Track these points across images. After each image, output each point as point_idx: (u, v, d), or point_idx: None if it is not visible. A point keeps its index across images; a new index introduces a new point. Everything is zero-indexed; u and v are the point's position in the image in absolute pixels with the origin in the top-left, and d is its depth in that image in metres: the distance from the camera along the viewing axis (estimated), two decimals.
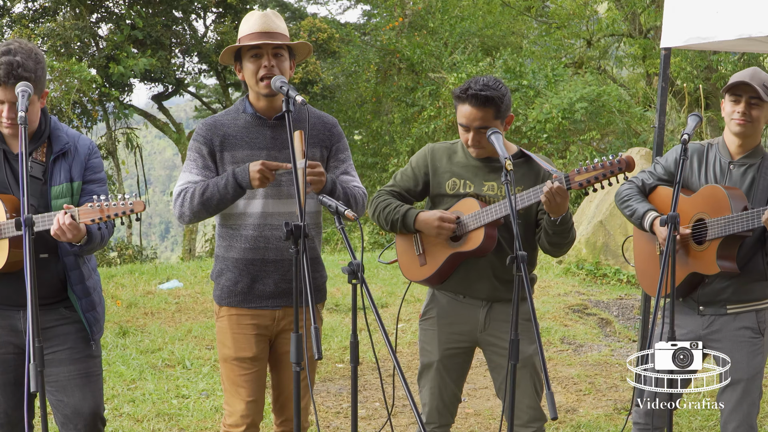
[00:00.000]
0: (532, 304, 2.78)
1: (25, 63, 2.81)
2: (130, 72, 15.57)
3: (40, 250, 2.93)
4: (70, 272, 3.01)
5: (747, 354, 3.27)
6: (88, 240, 2.90)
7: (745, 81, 3.22)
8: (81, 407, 3.05)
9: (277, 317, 3.19)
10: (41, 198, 2.95)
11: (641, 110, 13.45)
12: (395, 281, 8.63)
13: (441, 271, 3.29)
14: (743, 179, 3.30)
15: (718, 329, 3.31)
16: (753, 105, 3.24)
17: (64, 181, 2.98)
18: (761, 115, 3.26)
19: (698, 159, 3.40)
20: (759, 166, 3.30)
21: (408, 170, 3.42)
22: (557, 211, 3.03)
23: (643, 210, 3.40)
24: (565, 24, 17.27)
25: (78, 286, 3.03)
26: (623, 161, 2.90)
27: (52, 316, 3.02)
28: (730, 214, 3.16)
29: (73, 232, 2.78)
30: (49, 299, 3.00)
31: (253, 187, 3.01)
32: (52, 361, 3.00)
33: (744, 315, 3.30)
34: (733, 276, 3.25)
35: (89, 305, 3.07)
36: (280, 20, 3.15)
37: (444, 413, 3.40)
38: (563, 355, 6.26)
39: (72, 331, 3.06)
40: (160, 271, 9.27)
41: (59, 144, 3.01)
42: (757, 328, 3.30)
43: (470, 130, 3.18)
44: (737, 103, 3.26)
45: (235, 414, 3.17)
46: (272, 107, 3.16)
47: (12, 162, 2.97)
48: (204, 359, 5.90)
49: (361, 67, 18.13)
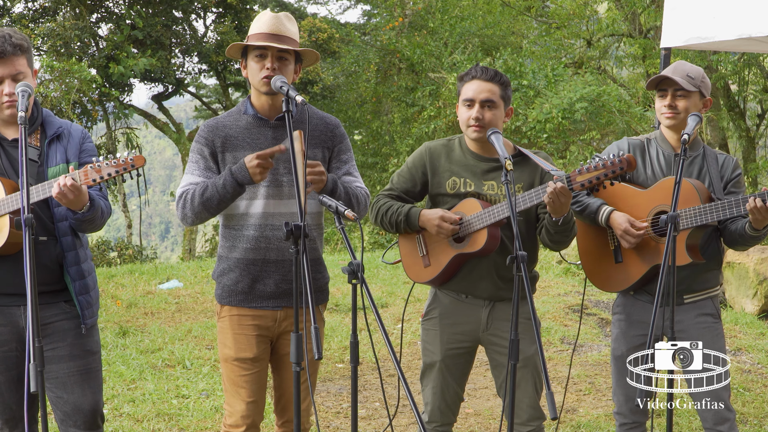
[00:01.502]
0: (533, 304, 2.79)
1: (14, 35, 2.90)
2: (130, 72, 15.58)
3: (39, 233, 2.95)
4: (66, 253, 3.02)
5: (711, 338, 3.34)
6: (90, 206, 2.91)
7: (666, 76, 3.32)
8: (81, 404, 3.06)
9: (278, 318, 3.19)
10: (38, 179, 2.97)
11: (641, 110, 13.44)
12: (395, 281, 8.64)
13: (445, 272, 3.30)
14: (690, 170, 3.37)
15: (680, 320, 3.34)
16: (679, 97, 3.33)
17: (60, 162, 3.02)
18: (689, 105, 3.34)
19: (640, 154, 3.45)
20: (702, 156, 3.39)
21: (405, 171, 3.42)
22: (559, 211, 3.03)
23: (596, 205, 3.41)
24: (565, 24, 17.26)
25: (73, 267, 3.04)
26: (624, 160, 2.90)
27: (52, 311, 3.03)
28: (699, 204, 3.19)
29: (75, 193, 2.79)
30: (47, 285, 3.00)
31: (255, 181, 3.00)
32: (52, 358, 3.01)
33: (701, 302, 3.39)
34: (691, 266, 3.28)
35: (83, 288, 3.07)
36: (292, 24, 3.15)
37: (446, 412, 3.41)
38: (563, 355, 6.26)
39: (72, 327, 3.07)
40: (160, 271, 9.27)
41: (52, 128, 3.07)
42: (716, 313, 3.42)
43: (474, 104, 3.18)
44: (664, 97, 3.37)
45: (236, 414, 3.17)
46: (273, 108, 3.16)
47: (7, 147, 3.01)
48: (204, 359, 5.90)
49: (361, 67, 18.13)
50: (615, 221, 3.34)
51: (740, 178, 3.39)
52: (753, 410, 5.09)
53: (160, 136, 20.13)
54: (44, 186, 2.86)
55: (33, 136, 3.03)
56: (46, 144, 3.03)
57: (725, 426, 3.33)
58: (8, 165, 2.99)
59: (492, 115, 3.19)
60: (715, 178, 3.34)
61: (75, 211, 2.92)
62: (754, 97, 16.68)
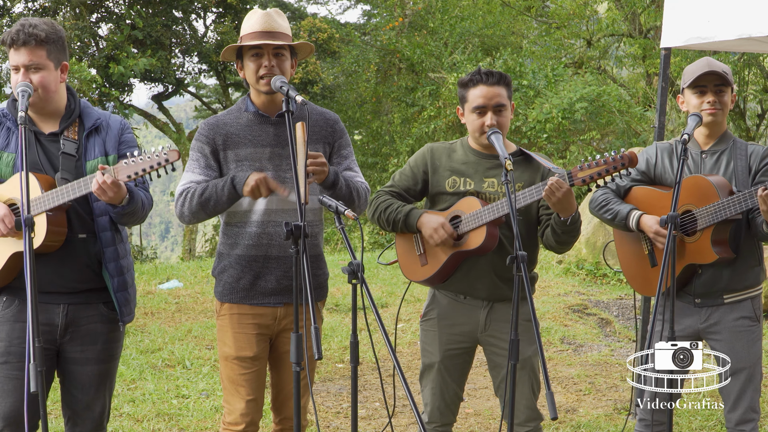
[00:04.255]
0: (533, 304, 2.78)
1: (38, 25, 2.87)
2: (130, 72, 15.58)
3: (78, 230, 2.94)
4: (105, 249, 2.98)
5: (747, 342, 3.31)
6: (130, 199, 2.89)
7: (707, 71, 3.29)
8: (93, 405, 3.06)
9: (278, 316, 3.19)
10: (76, 173, 2.93)
11: (641, 110, 13.45)
12: (395, 281, 8.64)
13: (442, 271, 3.29)
14: (717, 165, 3.34)
15: (717, 321, 3.33)
16: (720, 92, 3.31)
17: (98, 155, 2.99)
18: (728, 99, 3.33)
19: (668, 156, 3.44)
20: (731, 149, 3.35)
21: (407, 170, 3.42)
22: (566, 210, 3.02)
23: (626, 210, 3.40)
24: (565, 24, 17.26)
25: (112, 263, 3.00)
26: (626, 157, 2.91)
27: (89, 312, 3.00)
28: (718, 200, 3.18)
29: (114, 189, 2.77)
30: (87, 283, 2.97)
31: (243, 194, 3.01)
32: (79, 359, 3.00)
33: (740, 304, 3.34)
34: (728, 263, 3.27)
35: (121, 285, 3.03)
36: (282, 19, 3.15)
37: (446, 413, 3.40)
38: (563, 355, 6.26)
39: (105, 331, 3.04)
40: (160, 271, 9.28)
41: (90, 120, 3.03)
42: (754, 316, 3.36)
43: (487, 111, 3.18)
44: (704, 93, 3.32)
45: (235, 412, 3.17)
46: (273, 105, 3.17)
47: (43, 142, 2.96)
48: (204, 359, 5.90)
49: (361, 67, 18.13)
50: (645, 225, 3.33)
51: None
52: None
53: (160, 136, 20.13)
54: (80, 183, 2.82)
55: (71, 129, 2.99)
56: (84, 137, 2.99)
57: (748, 426, 3.31)
58: (45, 160, 2.94)
59: (504, 118, 3.21)
60: (741, 170, 3.30)
61: (115, 205, 2.89)
62: (754, 97, 16.69)
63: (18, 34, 2.84)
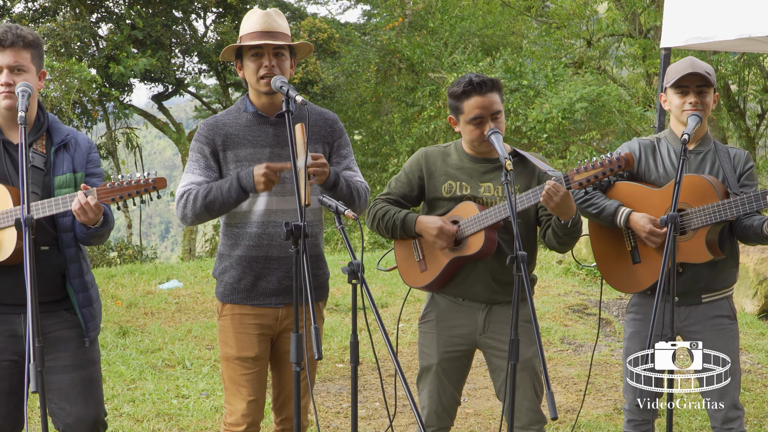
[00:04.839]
0: (533, 305, 2.78)
1: (24, 29, 2.89)
2: (130, 72, 15.57)
3: (41, 242, 2.90)
4: (69, 265, 2.97)
5: (726, 340, 3.34)
6: (103, 221, 2.89)
7: (690, 72, 3.28)
8: (84, 416, 3.00)
9: (280, 316, 3.19)
10: (44, 188, 2.93)
11: (641, 110, 13.44)
12: (395, 281, 8.63)
13: (442, 277, 3.28)
14: (702, 165, 3.35)
15: (696, 321, 3.35)
16: (702, 93, 3.31)
17: (67, 171, 2.97)
18: (710, 100, 3.33)
19: (651, 153, 3.43)
20: (714, 151, 3.36)
21: (402, 176, 3.40)
22: (565, 213, 3.01)
23: (613, 207, 3.38)
24: (565, 24, 17.25)
25: (76, 279, 2.99)
26: (622, 159, 2.90)
27: (52, 319, 2.96)
28: (717, 201, 3.18)
29: (95, 211, 2.77)
30: (48, 296, 2.94)
31: (258, 191, 3.02)
32: (54, 368, 2.94)
33: (717, 303, 3.37)
34: (709, 263, 3.27)
35: (86, 300, 3.02)
36: (281, 19, 3.16)
37: (443, 416, 3.39)
38: (563, 355, 6.26)
39: (73, 336, 3.01)
40: (160, 271, 9.27)
41: (60, 135, 3.02)
42: (732, 314, 3.40)
43: (486, 120, 3.16)
44: (686, 94, 3.31)
45: (236, 413, 3.17)
46: (273, 105, 3.17)
47: (11, 152, 2.95)
48: (204, 359, 5.90)
49: (361, 67, 18.12)
50: (637, 223, 3.31)
51: (752, 170, 3.37)
52: (753, 410, 5.09)
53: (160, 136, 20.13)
54: (58, 201, 2.80)
55: (38, 143, 2.97)
56: (53, 152, 2.98)
57: (734, 424, 3.33)
58: (12, 170, 2.92)
59: (501, 123, 3.18)
60: (729, 172, 3.31)
61: (89, 226, 2.87)
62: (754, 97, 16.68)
63: (6, 34, 2.84)
